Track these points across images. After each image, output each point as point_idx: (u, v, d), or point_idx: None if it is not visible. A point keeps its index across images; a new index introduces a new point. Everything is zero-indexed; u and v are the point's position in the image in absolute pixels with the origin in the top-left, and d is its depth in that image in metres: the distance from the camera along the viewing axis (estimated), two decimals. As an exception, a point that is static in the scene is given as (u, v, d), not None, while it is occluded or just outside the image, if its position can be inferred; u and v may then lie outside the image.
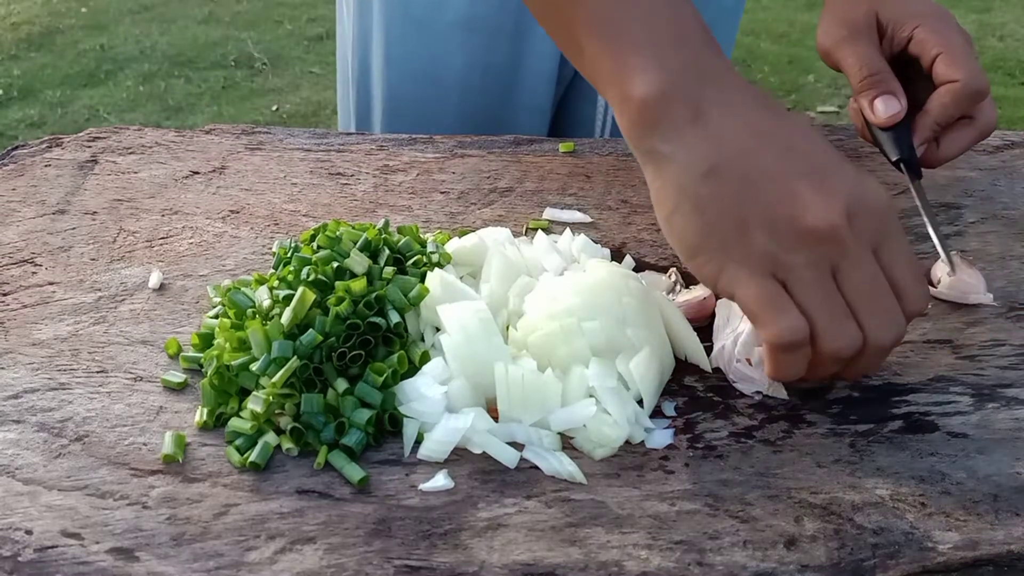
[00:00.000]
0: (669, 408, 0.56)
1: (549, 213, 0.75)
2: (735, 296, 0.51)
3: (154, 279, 0.67)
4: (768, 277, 0.50)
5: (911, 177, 0.69)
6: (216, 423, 0.55)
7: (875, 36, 0.72)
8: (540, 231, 0.70)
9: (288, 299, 0.56)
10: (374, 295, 0.57)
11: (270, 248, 0.71)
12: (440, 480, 0.51)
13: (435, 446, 0.53)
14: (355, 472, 0.51)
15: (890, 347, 0.52)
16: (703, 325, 0.62)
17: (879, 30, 0.72)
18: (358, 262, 0.60)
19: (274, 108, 3.25)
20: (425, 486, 0.51)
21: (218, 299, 0.63)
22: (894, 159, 0.70)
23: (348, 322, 0.56)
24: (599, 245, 0.70)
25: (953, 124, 0.70)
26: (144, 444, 0.53)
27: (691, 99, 0.51)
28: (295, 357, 0.54)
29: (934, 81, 0.70)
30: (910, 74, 0.72)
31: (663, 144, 0.51)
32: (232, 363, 0.55)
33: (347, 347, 0.55)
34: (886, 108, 0.69)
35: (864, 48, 0.71)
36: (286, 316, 0.55)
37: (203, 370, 0.58)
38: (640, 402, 0.56)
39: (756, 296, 0.50)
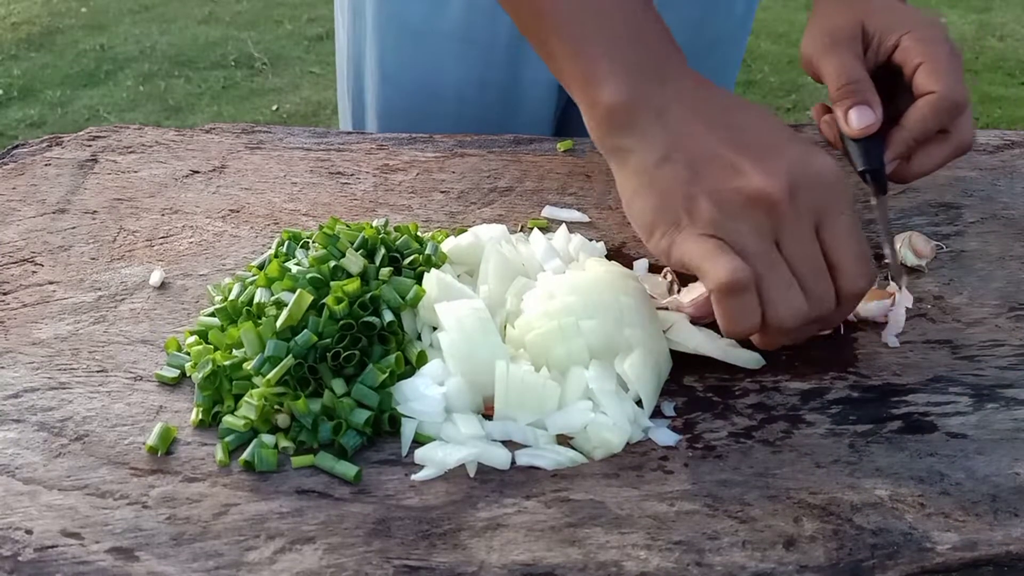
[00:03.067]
0: (668, 408, 0.56)
1: (548, 212, 0.75)
2: (683, 258, 0.53)
3: (154, 278, 0.67)
4: (714, 237, 0.52)
5: (875, 190, 0.67)
6: (213, 421, 0.55)
7: (858, 46, 0.70)
8: (537, 229, 0.70)
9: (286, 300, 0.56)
10: (369, 295, 0.57)
11: (270, 247, 0.71)
12: (432, 469, 0.51)
13: (430, 472, 0.52)
14: (347, 469, 0.51)
15: (828, 320, 0.55)
16: (711, 323, 0.62)
17: (864, 40, 0.71)
18: (353, 262, 0.59)
19: (274, 108, 3.25)
20: (417, 476, 0.51)
21: (219, 298, 0.64)
22: (860, 170, 0.68)
23: (342, 322, 0.56)
24: (594, 242, 0.70)
25: (928, 140, 0.68)
26: (144, 443, 0.53)
27: (653, 102, 0.55)
28: (289, 356, 0.54)
29: (913, 92, 0.68)
30: (892, 86, 0.69)
31: (626, 141, 0.56)
32: (224, 363, 0.55)
33: (341, 347, 0.55)
34: (860, 118, 0.67)
35: (844, 57, 0.70)
36: (282, 317, 0.55)
37: (196, 369, 0.58)
38: (639, 402, 0.56)
39: (701, 250, 0.52)
